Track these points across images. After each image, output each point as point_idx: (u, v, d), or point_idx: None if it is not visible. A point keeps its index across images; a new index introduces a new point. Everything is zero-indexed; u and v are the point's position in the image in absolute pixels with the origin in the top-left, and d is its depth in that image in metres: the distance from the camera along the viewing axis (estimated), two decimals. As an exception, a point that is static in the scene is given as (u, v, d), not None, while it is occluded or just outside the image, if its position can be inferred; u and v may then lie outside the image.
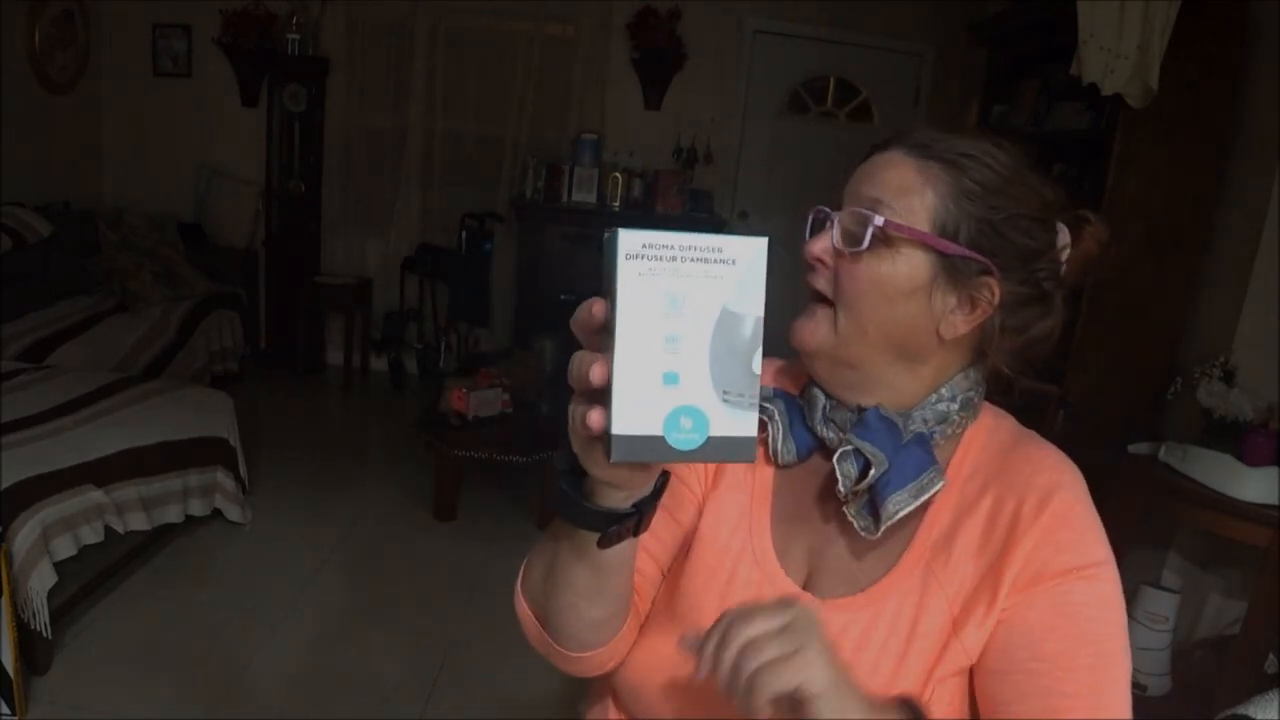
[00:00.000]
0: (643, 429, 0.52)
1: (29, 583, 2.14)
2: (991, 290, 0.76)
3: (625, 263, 0.51)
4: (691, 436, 0.53)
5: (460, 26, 4.90)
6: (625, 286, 0.51)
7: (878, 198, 0.76)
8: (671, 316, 0.52)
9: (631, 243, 0.51)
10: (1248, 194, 2.59)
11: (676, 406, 0.52)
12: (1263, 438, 2.21)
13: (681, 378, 0.52)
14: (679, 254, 0.51)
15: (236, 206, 4.96)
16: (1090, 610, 0.72)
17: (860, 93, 5.09)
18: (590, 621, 0.77)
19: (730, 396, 0.53)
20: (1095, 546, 0.74)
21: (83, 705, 2.17)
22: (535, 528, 3.41)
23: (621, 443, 0.52)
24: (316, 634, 2.59)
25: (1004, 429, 0.83)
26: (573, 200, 4.80)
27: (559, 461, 0.64)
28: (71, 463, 2.46)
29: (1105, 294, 2.70)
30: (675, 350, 0.52)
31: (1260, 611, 2.17)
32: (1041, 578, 0.72)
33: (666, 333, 0.52)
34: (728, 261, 0.52)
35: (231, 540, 3.04)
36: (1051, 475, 0.76)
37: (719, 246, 0.52)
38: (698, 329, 0.52)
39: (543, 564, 0.78)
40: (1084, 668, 0.70)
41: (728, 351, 0.52)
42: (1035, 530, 0.73)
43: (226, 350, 4.54)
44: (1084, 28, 2.50)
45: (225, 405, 3.13)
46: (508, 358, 3.95)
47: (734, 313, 0.52)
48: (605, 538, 0.64)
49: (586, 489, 0.63)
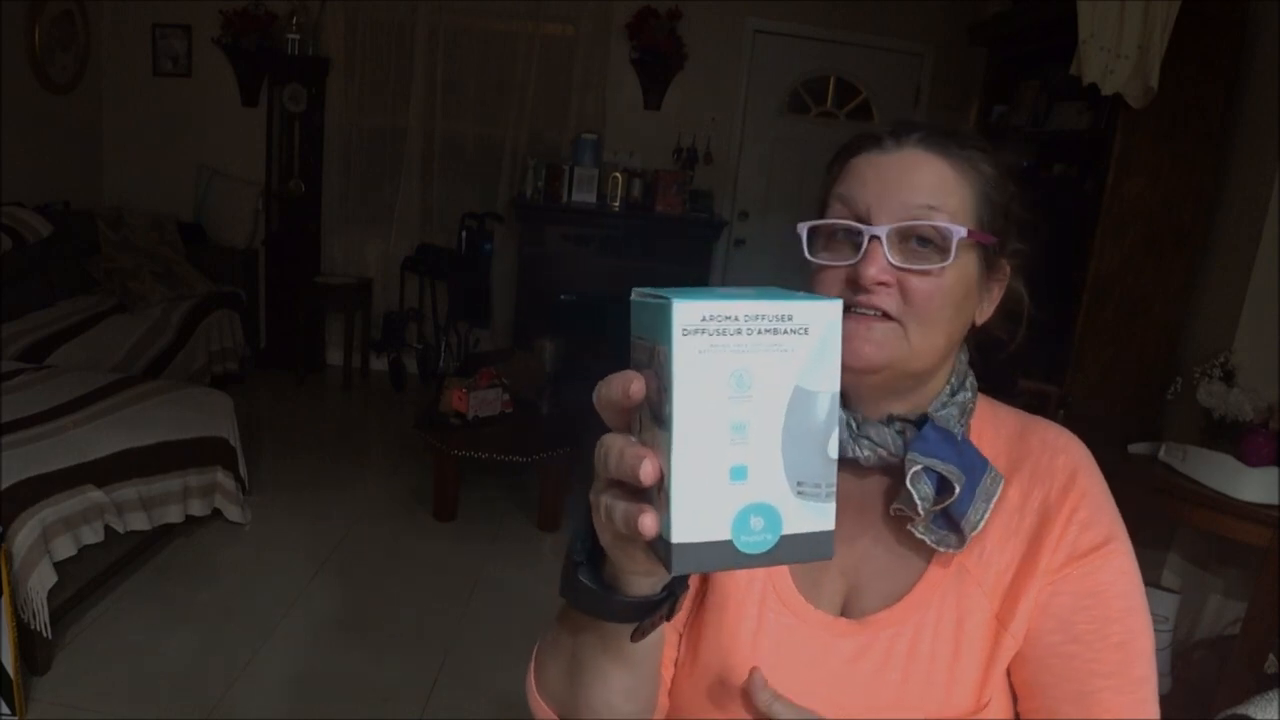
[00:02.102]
0: (708, 535, 0.44)
1: (29, 583, 2.14)
2: (1005, 270, 0.77)
3: (683, 340, 0.43)
4: (763, 538, 0.45)
5: (460, 26, 4.90)
6: (684, 368, 0.43)
7: (930, 204, 0.71)
8: (738, 400, 0.44)
9: (689, 315, 0.43)
10: (1248, 194, 2.59)
11: (746, 505, 0.45)
12: (1263, 438, 2.21)
13: (750, 471, 0.45)
14: (744, 325, 0.44)
15: (236, 206, 4.96)
16: (1116, 586, 0.73)
17: (860, 93, 5.09)
18: (626, 714, 0.70)
19: (805, 488, 0.45)
20: (1113, 521, 0.75)
21: (83, 705, 2.17)
22: (535, 528, 3.41)
23: (683, 552, 0.44)
24: (316, 634, 2.59)
25: (1001, 414, 0.82)
26: (573, 200, 4.80)
27: (575, 550, 0.58)
28: (71, 463, 2.46)
29: (1105, 294, 2.71)
30: (743, 439, 0.44)
31: (1260, 611, 2.17)
32: (1071, 559, 0.73)
33: (733, 419, 0.44)
34: (799, 330, 0.44)
35: (231, 540, 3.04)
36: (1068, 456, 0.77)
37: (788, 313, 0.44)
38: (768, 413, 0.44)
39: (563, 661, 0.70)
40: (1114, 645, 0.71)
41: (802, 436, 0.45)
42: (1063, 514, 0.74)
43: (226, 350, 4.54)
44: (1084, 28, 2.50)
45: (225, 405, 3.14)
46: (508, 358, 3.95)
47: (808, 390, 0.45)
48: (639, 630, 0.58)
49: (607, 576, 0.57)
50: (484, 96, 4.98)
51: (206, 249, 4.84)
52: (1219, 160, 2.66)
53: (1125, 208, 2.65)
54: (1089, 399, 2.70)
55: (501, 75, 4.93)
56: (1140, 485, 2.38)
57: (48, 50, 4.39)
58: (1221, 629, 2.55)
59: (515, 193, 4.91)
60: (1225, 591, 2.58)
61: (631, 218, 4.82)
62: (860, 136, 0.77)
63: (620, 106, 4.97)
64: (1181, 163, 2.64)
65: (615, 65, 4.92)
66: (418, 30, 4.84)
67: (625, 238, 4.85)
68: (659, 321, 0.44)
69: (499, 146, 4.99)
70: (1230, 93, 2.63)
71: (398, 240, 5.06)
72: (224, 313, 4.56)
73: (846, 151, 0.77)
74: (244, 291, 4.84)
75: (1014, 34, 3.42)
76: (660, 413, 0.45)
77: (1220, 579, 2.60)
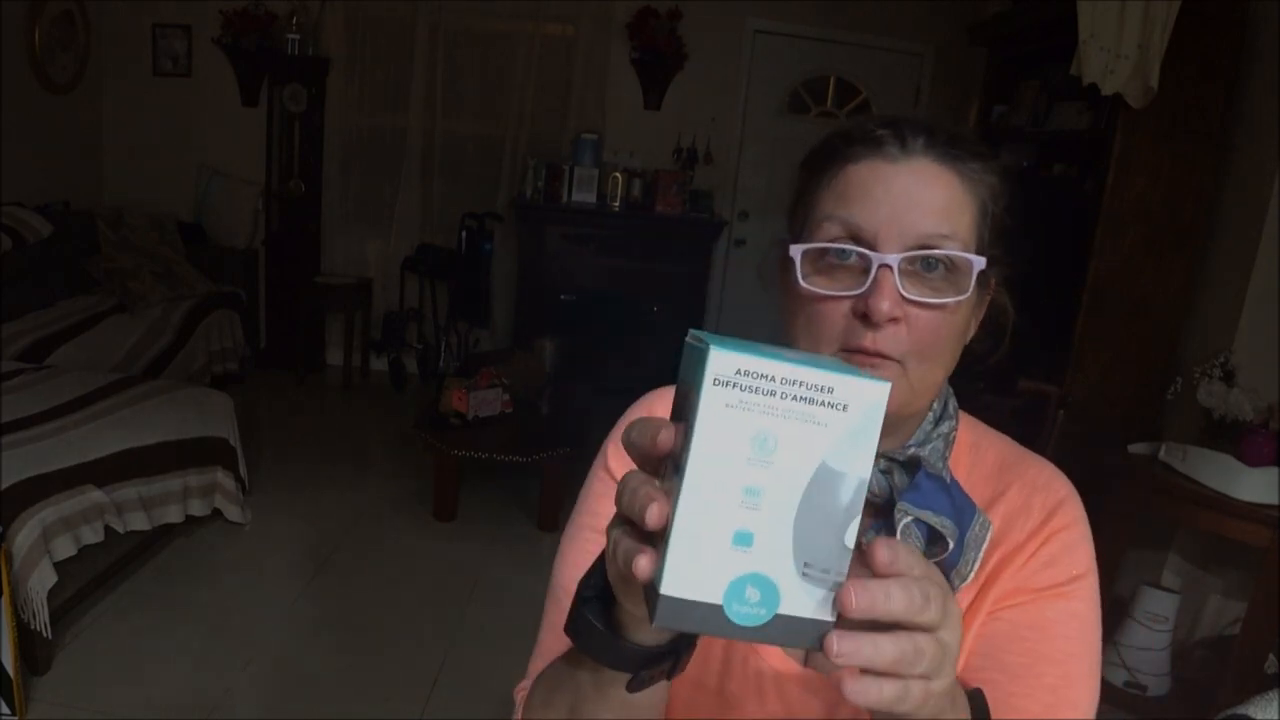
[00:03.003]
0: (699, 594, 0.43)
1: (29, 583, 2.14)
2: (991, 284, 0.71)
3: (711, 389, 0.42)
4: (756, 611, 0.43)
5: (460, 26, 4.90)
6: (706, 419, 0.42)
7: (944, 232, 0.64)
8: (757, 464, 0.42)
9: (724, 365, 0.41)
10: (1248, 194, 2.59)
11: (744, 573, 0.43)
12: (1263, 438, 2.21)
13: (756, 540, 0.43)
14: (779, 388, 0.42)
15: (236, 206, 4.96)
16: (1064, 628, 0.68)
17: (860, 93, 5.09)
18: None
19: (811, 571, 0.43)
20: (1081, 565, 0.70)
21: (83, 705, 2.17)
22: (535, 528, 3.41)
23: (669, 605, 0.43)
24: (316, 634, 2.59)
25: (983, 446, 0.77)
26: (573, 200, 4.80)
27: (586, 586, 0.55)
28: (71, 463, 2.46)
29: (1105, 294, 2.71)
30: (754, 505, 0.42)
31: (1260, 611, 2.17)
32: (1020, 590, 0.69)
33: (747, 482, 0.42)
34: (837, 406, 0.42)
35: (231, 540, 3.04)
36: (1047, 496, 0.72)
37: (830, 386, 0.42)
38: (786, 484, 0.42)
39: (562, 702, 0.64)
40: (1046, 687, 0.66)
41: (819, 516, 0.43)
42: (1025, 551, 0.70)
43: (226, 350, 4.54)
44: (1084, 28, 2.50)
45: (225, 405, 3.14)
46: (508, 358, 3.95)
47: (834, 469, 0.42)
48: (636, 680, 0.54)
49: (616, 619, 0.54)
50: (484, 96, 4.98)
51: (206, 249, 4.84)
52: (1219, 160, 2.66)
53: (1125, 208, 2.65)
54: (1089, 399, 2.70)
55: (501, 75, 4.93)
56: (1140, 485, 2.38)
57: (48, 50, 4.39)
58: (1221, 629, 2.55)
59: (515, 193, 4.91)
60: (1225, 591, 2.58)
61: (631, 218, 4.83)
62: (854, 136, 0.67)
63: (620, 106, 4.97)
64: (1181, 163, 2.64)
65: (615, 65, 4.92)
66: (418, 30, 4.84)
67: (625, 238, 4.85)
68: (697, 366, 0.43)
69: (499, 146, 4.99)
70: (1230, 93, 2.62)
71: (398, 240, 5.06)
72: (224, 313, 4.56)
73: (840, 155, 0.68)
74: (244, 291, 4.84)
75: (1014, 34, 3.42)
76: (679, 459, 0.44)
77: (1220, 579, 2.60)
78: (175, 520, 2.83)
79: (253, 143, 4.90)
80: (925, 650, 0.43)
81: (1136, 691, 2.41)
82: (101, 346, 3.72)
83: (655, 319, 4.79)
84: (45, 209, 4.16)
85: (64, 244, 4.09)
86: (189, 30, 4.85)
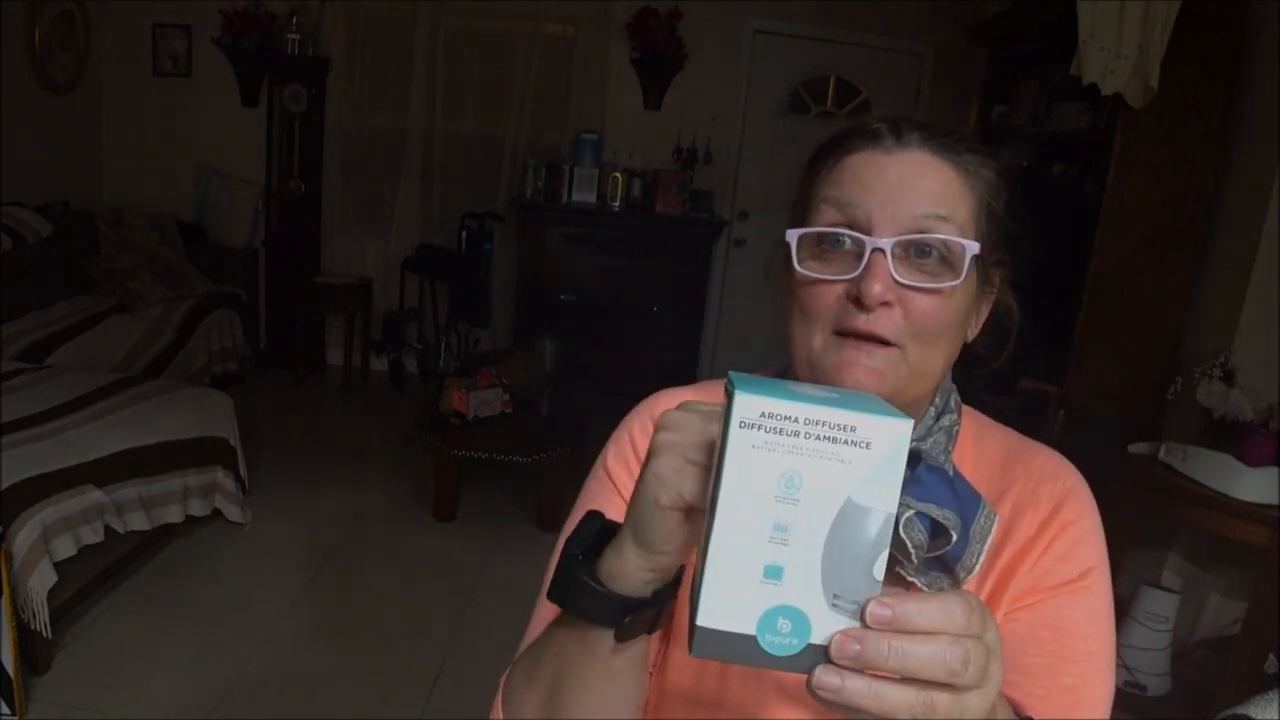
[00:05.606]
0: (733, 625, 0.45)
1: (29, 583, 2.14)
2: (995, 282, 0.72)
3: (738, 432, 0.44)
4: (788, 641, 0.45)
5: (460, 26, 4.90)
6: (734, 460, 0.44)
7: (938, 214, 0.65)
8: (784, 501, 0.44)
9: (749, 409, 0.44)
10: (1248, 194, 2.59)
11: (775, 605, 0.45)
12: (1263, 438, 2.21)
13: (786, 573, 0.45)
14: (803, 428, 0.44)
15: (236, 206, 4.96)
16: (1081, 626, 0.68)
17: (860, 93, 5.09)
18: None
19: (841, 602, 0.45)
20: (1094, 556, 0.70)
21: (83, 705, 2.17)
22: (535, 528, 3.41)
23: (706, 636, 0.46)
24: (316, 634, 2.59)
25: (987, 438, 0.77)
26: (573, 200, 4.80)
27: (576, 543, 0.57)
28: (71, 463, 2.46)
29: (1105, 294, 2.71)
30: (783, 540, 0.45)
31: (1260, 611, 2.17)
32: (1036, 589, 0.69)
33: (776, 519, 0.45)
34: (860, 444, 0.44)
35: (231, 540, 3.04)
36: (1056, 485, 0.73)
37: (852, 425, 0.44)
38: (814, 520, 0.44)
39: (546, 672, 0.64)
40: (1063, 688, 0.66)
41: (847, 550, 0.45)
42: (1039, 546, 0.70)
43: (226, 350, 4.54)
44: (1084, 28, 2.50)
45: (225, 405, 3.14)
46: (508, 358, 3.95)
47: (860, 505, 0.44)
48: (624, 629, 0.56)
49: (602, 575, 0.56)
50: (484, 96, 4.97)
51: (206, 249, 4.83)
52: (1219, 160, 2.66)
53: (1125, 208, 2.65)
54: (1089, 399, 2.70)
55: (501, 75, 4.92)
56: (1140, 485, 2.38)
57: (48, 50, 4.39)
58: (1221, 629, 2.55)
59: (515, 193, 4.91)
60: (1225, 591, 2.58)
61: (631, 218, 4.82)
62: (853, 131, 0.69)
63: (620, 106, 4.97)
64: (1181, 163, 2.64)
65: (615, 65, 4.92)
66: (418, 30, 4.84)
67: (625, 238, 4.85)
68: (727, 408, 0.46)
69: (499, 146, 4.99)
70: (1230, 93, 2.63)
71: (398, 240, 5.06)
72: (224, 313, 4.56)
73: (838, 148, 0.69)
74: (244, 291, 4.84)
75: (1014, 34, 3.42)
76: (713, 496, 0.46)
77: (1220, 579, 2.60)
78: (175, 520, 2.83)
79: (253, 143, 4.90)
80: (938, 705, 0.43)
81: (1136, 691, 2.41)
82: (101, 346, 3.72)
83: (655, 319, 4.79)
84: (45, 209, 4.16)
85: (64, 244, 4.09)
86: (189, 30, 4.85)
